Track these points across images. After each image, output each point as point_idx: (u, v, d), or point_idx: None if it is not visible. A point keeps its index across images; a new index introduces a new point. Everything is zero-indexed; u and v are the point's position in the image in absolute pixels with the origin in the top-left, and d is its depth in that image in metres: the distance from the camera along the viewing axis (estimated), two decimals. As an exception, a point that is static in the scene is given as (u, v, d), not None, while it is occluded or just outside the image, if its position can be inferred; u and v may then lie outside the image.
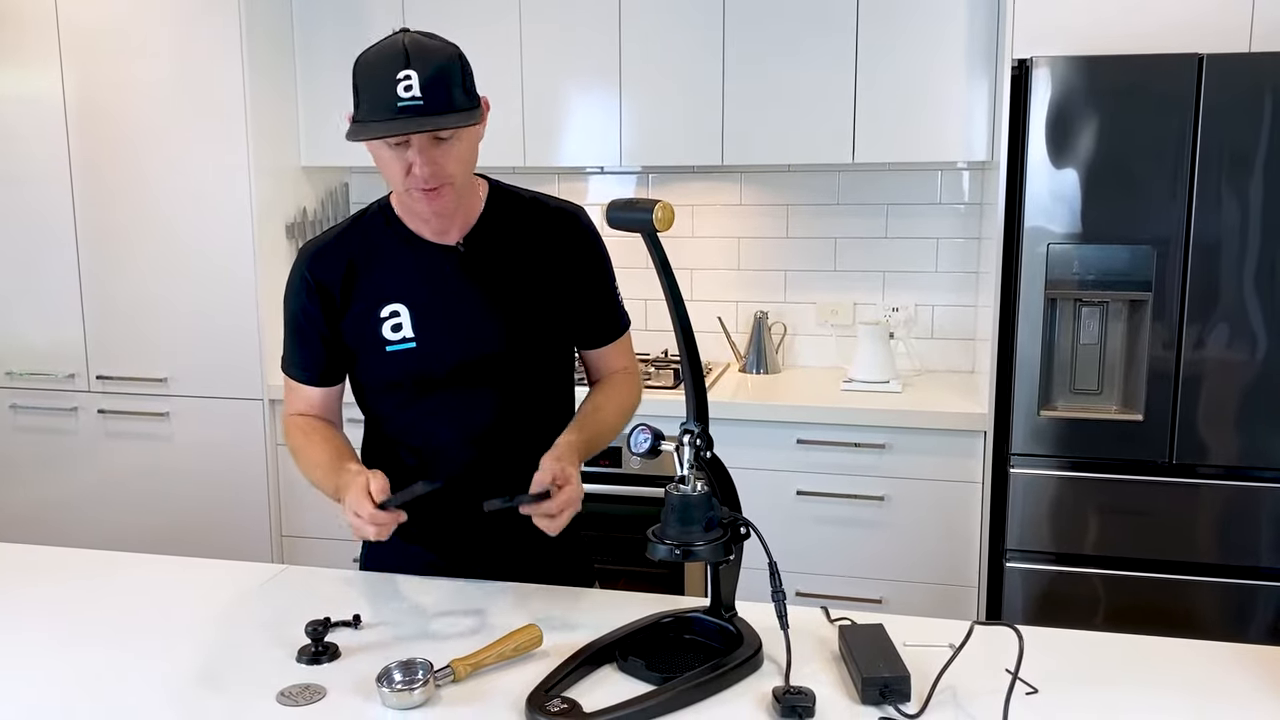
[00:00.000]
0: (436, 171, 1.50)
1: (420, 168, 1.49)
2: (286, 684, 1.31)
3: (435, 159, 1.50)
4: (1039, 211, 2.58)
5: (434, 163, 1.50)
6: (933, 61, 2.92)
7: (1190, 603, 2.63)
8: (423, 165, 1.49)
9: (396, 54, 1.46)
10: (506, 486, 1.52)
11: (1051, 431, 2.65)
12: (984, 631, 1.35)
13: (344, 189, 3.64)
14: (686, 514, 1.31)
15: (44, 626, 1.50)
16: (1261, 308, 2.50)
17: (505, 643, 1.36)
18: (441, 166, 1.51)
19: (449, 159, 1.51)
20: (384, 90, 1.45)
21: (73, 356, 3.37)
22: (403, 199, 1.60)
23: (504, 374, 1.65)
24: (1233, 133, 2.46)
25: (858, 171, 3.33)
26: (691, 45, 3.06)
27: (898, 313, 3.34)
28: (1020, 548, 2.70)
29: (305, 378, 1.71)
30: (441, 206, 1.55)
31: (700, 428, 1.35)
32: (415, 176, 1.50)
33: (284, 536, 3.34)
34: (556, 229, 1.70)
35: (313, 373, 1.70)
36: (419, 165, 1.49)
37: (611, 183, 3.53)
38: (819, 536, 2.93)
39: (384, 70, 1.46)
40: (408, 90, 1.44)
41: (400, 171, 1.51)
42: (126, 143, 3.22)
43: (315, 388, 1.71)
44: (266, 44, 3.21)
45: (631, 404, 1.78)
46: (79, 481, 3.43)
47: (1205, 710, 1.25)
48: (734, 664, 1.31)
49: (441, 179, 1.51)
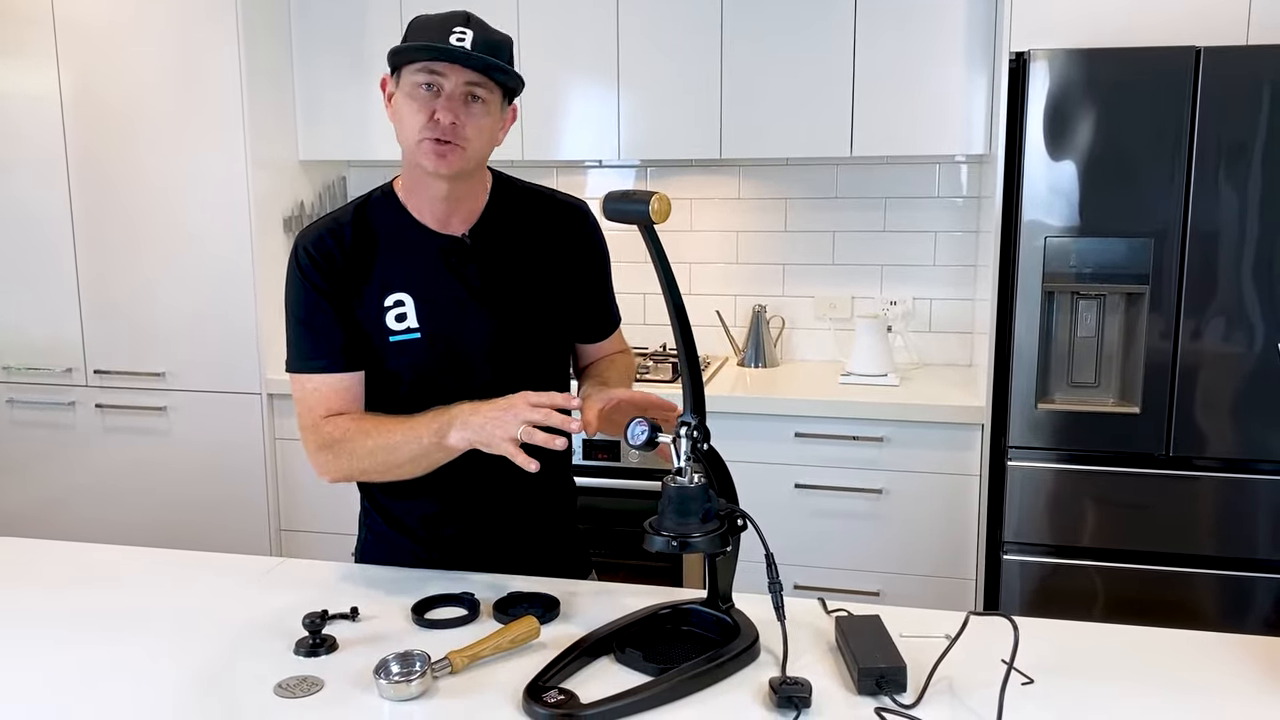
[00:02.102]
0: (458, 126, 1.50)
1: (444, 114, 1.49)
2: (284, 676, 1.31)
3: (460, 114, 1.50)
4: (1037, 204, 2.58)
5: (457, 113, 1.50)
6: (931, 54, 2.92)
7: (1187, 594, 2.63)
8: (446, 113, 1.49)
9: (456, 14, 1.52)
10: (506, 482, 1.52)
11: (1049, 424, 2.65)
12: (980, 622, 1.35)
13: (341, 183, 3.64)
14: (683, 506, 1.32)
15: (42, 620, 1.50)
16: (1259, 300, 2.50)
17: (502, 635, 1.36)
18: (463, 125, 1.51)
19: (471, 121, 1.52)
20: (436, 33, 1.49)
21: (70, 351, 3.37)
22: (411, 153, 1.55)
23: (506, 366, 1.65)
24: (1230, 125, 2.46)
25: (856, 165, 3.33)
26: (689, 38, 3.06)
27: (896, 306, 3.35)
28: (1018, 540, 2.70)
29: (326, 365, 1.58)
30: (447, 165, 1.52)
31: (697, 420, 1.35)
32: (436, 123, 1.50)
33: (282, 530, 3.34)
34: (562, 223, 1.70)
35: (331, 358, 1.58)
36: (443, 112, 1.49)
37: (610, 176, 3.53)
38: (817, 529, 2.94)
39: (440, 21, 1.51)
40: (460, 40, 1.49)
41: (421, 117, 1.51)
42: (123, 137, 3.22)
43: (336, 374, 1.58)
44: (263, 37, 3.21)
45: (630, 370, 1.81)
46: (77, 476, 3.43)
47: (1201, 701, 1.25)
48: (731, 655, 1.32)
49: (459, 138, 1.51)
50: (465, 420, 1.46)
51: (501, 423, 1.42)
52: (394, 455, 1.52)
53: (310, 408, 1.60)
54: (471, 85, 1.50)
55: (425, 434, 1.49)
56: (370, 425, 1.55)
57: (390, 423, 1.54)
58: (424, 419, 1.51)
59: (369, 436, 1.54)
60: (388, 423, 1.54)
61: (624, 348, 1.86)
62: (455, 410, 1.48)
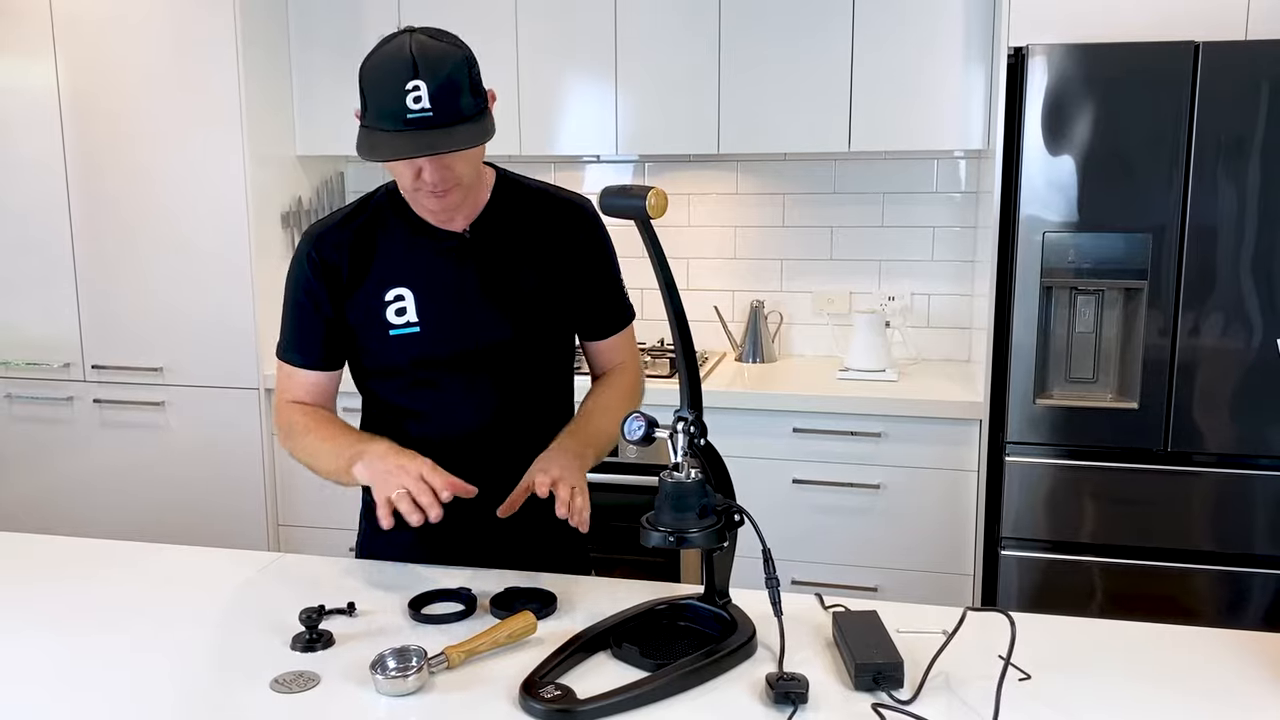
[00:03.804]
0: (446, 176, 1.51)
1: (430, 175, 1.50)
2: (281, 671, 1.31)
3: (445, 164, 1.51)
4: (1035, 200, 2.58)
5: (444, 169, 1.51)
6: (929, 49, 2.91)
7: (1185, 590, 2.63)
8: (433, 173, 1.50)
9: (404, 62, 1.44)
10: (504, 478, 1.53)
11: (1047, 420, 2.65)
12: (977, 618, 1.35)
13: (339, 178, 3.63)
14: (680, 501, 1.31)
15: (39, 614, 1.50)
16: (1257, 295, 2.50)
17: (499, 630, 1.36)
18: (451, 170, 1.52)
19: (458, 162, 1.52)
20: (392, 99, 1.45)
21: (68, 346, 3.37)
22: (412, 196, 1.60)
23: (505, 361, 1.66)
24: (1228, 120, 2.46)
25: (854, 160, 3.32)
26: (687, 33, 3.06)
27: (894, 301, 3.34)
28: (1015, 535, 2.70)
29: (303, 362, 1.69)
30: (450, 203, 1.57)
31: (694, 415, 1.35)
32: (425, 181, 1.51)
33: (280, 525, 3.34)
34: (563, 219, 1.70)
35: (312, 357, 1.68)
36: (429, 173, 1.50)
37: (608, 171, 3.53)
38: (815, 525, 2.94)
39: (392, 79, 1.45)
40: (417, 102, 1.44)
41: (410, 176, 1.52)
42: (121, 132, 3.21)
43: (313, 372, 1.69)
44: (261, 32, 3.20)
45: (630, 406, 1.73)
46: (75, 471, 3.43)
47: (1198, 697, 1.25)
48: (728, 651, 1.32)
49: (451, 182, 1.53)
50: (371, 462, 1.51)
51: (390, 479, 1.46)
52: (316, 462, 1.62)
53: (283, 390, 1.72)
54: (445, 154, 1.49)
55: (342, 457, 1.56)
56: (315, 426, 1.64)
57: (329, 431, 1.63)
58: (349, 441, 1.58)
59: (309, 435, 1.63)
60: (327, 430, 1.63)
61: (631, 359, 1.82)
62: (373, 446, 1.54)
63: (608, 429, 1.67)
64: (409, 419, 1.68)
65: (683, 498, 1.31)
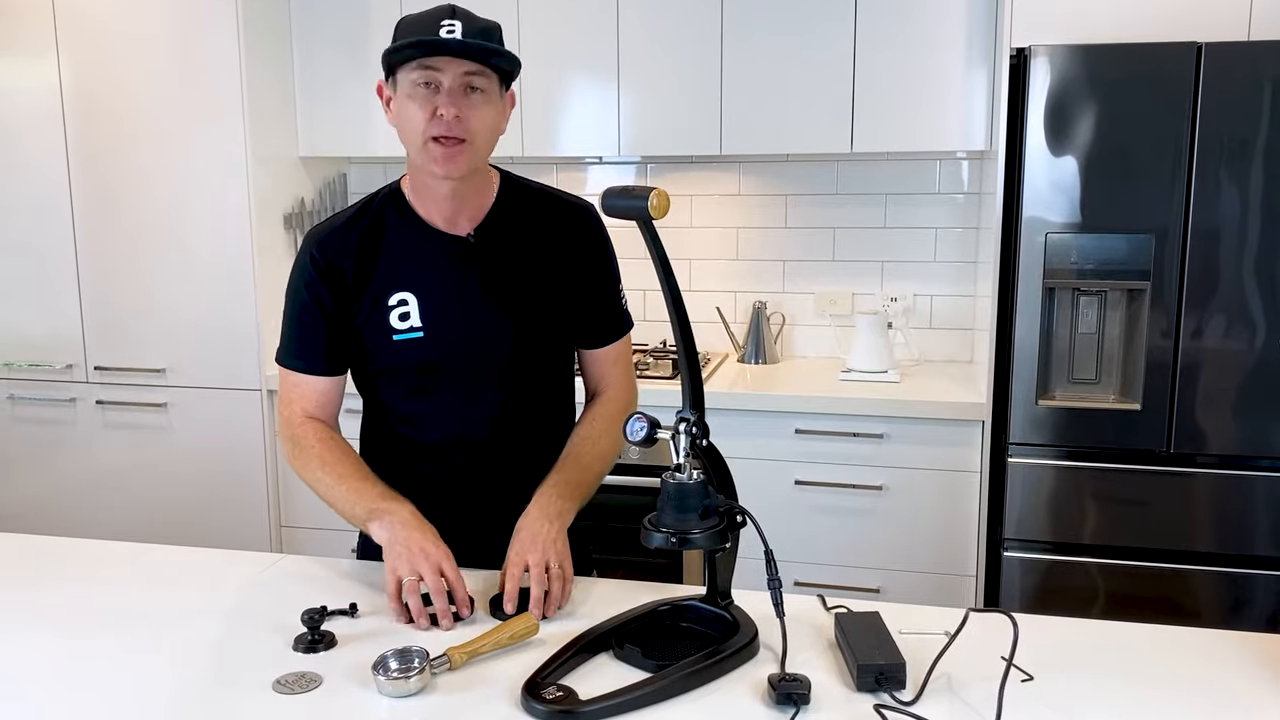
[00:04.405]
0: (462, 120, 1.50)
1: (447, 109, 1.49)
2: (283, 672, 1.31)
3: (462, 107, 1.50)
4: (1037, 201, 2.57)
5: (461, 111, 1.50)
6: (931, 50, 2.91)
7: (1187, 591, 2.63)
8: (449, 108, 1.49)
9: (442, 8, 1.51)
10: (506, 481, 1.54)
11: (1049, 421, 2.65)
12: (979, 619, 1.35)
13: (342, 179, 3.63)
14: (682, 502, 1.31)
15: (41, 615, 1.50)
16: (1260, 296, 2.50)
17: (501, 631, 1.36)
18: (467, 119, 1.51)
19: (475, 114, 1.52)
20: (425, 30, 1.49)
21: (70, 347, 3.37)
22: (418, 156, 1.56)
23: (508, 366, 1.65)
24: (1231, 121, 2.46)
25: (856, 161, 3.32)
26: (689, 34, 3.06)
27: (896, 302, 3.34)
28: (1018, 537, 2.70)
29: (307, 367, 1.66)
30: (455, 167, 1.53)
31: (696, 416, 1.35)
32: (440, 120, 1.50)
33: (282, 526, 3.34)
34: (567, 224, 1.69)
35: (314, 361, 1.66)
36: (445, 107, 1.49)
37: (610, 173, 3.53)
38: (817, 526, 2.94)
39: (427, 18, 1.50)
40: (449, 33, 1.48)
41: (424, 116, 1.51)
42: (124, 133, 3.22)
43: (317, 378, 1.66)
44: (264, 33, 3.20)
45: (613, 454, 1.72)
46: (77, 472, 3.43)
47: (1200, 698, 1.25)
48: (730, 651, 1.31)
49: (464, 132, 1.51)
50: (392, 527, 1.49)
51: (405, 560, 1.45)
52: (329, 497, 1.60)
53: (288, 400, 1.68)
54: (469, 75, 1.50)
55: (360, 508, 1.55)
56: (330, 458, 1.61)
57: (345, 470, 1.60)
58: (371, 493, 1.55)
59: (322, 467, 1.61)
60: (344, 469, 1.60)
61: (626, 370, 1.78)
62: (397, 511, 1.51)
63: (595, 468, 1.67)
64: (410, 423, 1.68)
65: (685, 499, 1.31)
